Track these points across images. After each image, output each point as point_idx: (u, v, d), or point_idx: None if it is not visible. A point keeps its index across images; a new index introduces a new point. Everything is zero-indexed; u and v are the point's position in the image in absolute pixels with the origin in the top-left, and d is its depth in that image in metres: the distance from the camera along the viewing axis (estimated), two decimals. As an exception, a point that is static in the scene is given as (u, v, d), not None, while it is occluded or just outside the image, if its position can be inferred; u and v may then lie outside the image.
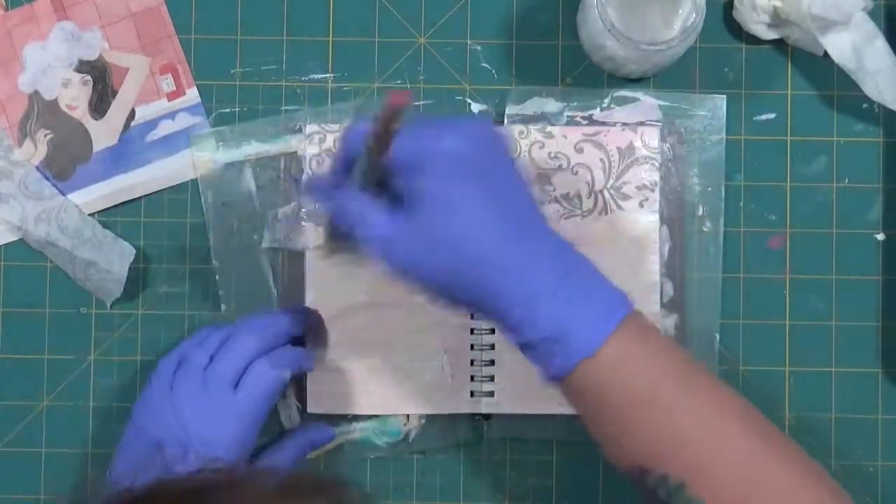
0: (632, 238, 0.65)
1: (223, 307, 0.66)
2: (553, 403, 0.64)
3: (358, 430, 0.66)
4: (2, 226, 0.66)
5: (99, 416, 0.66)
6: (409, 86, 0.67)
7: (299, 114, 0.67)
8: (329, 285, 0.65)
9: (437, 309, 0.55)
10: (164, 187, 0.67)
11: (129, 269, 0.65)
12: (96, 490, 0.64)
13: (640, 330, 0.52)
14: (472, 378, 0.65)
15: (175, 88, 0.67)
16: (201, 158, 0.67)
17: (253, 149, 0.67)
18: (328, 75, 0.67)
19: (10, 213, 0.66)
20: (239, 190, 0.67)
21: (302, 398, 0.65)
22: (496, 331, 0.64)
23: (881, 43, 0.64)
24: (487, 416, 0.66)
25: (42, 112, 0.67)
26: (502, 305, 0.50)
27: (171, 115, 0.67)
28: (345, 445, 0.66)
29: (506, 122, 0.66)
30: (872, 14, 0.65)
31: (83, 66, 0.67)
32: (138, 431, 0.60)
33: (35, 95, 0.67)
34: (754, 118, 0.67)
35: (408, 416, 0.66)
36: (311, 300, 0.65)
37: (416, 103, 0.67)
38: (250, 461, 0.62)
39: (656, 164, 0.65)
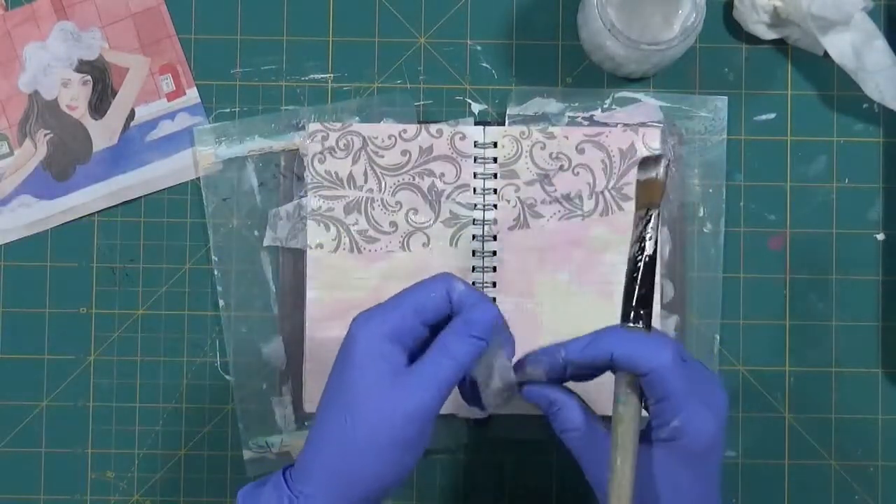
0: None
1: (221, 303, 0.66)
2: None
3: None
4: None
5: (99, 416, 0.66)
6: (409, 86, 0.67)
7: (301, 112, 0.67)
8: (329, 285, 0.65)
9: None
10: (164, 187, 0.67)
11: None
12: None
13: None
14: (473, 378, 0.65)
15: (175, 88, 0.67)
16: (203, 153, 0.66)
17: (256, 144, 0.67)
18: (328, 75, 0.67)
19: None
20: (240, 186, 0.66)
21: (298, 397, 0.65)
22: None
23: (881, 43, 0.64)
24: (487, 416, 0.66)
25: (42, 112, 0.67)
26: None
27: (171, 116, 0.67)
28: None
29: (507, 122, 0.66)
30: (872, 14, 0.65)
31: (83, 66, 0.67)
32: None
33: (35, 95, 0.67)
34: (754, 118, 0.67)
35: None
36: (311, 300, 0.65)
37: (417, 103, 0.67)
38: None
39: (657, 164, 0.65)
